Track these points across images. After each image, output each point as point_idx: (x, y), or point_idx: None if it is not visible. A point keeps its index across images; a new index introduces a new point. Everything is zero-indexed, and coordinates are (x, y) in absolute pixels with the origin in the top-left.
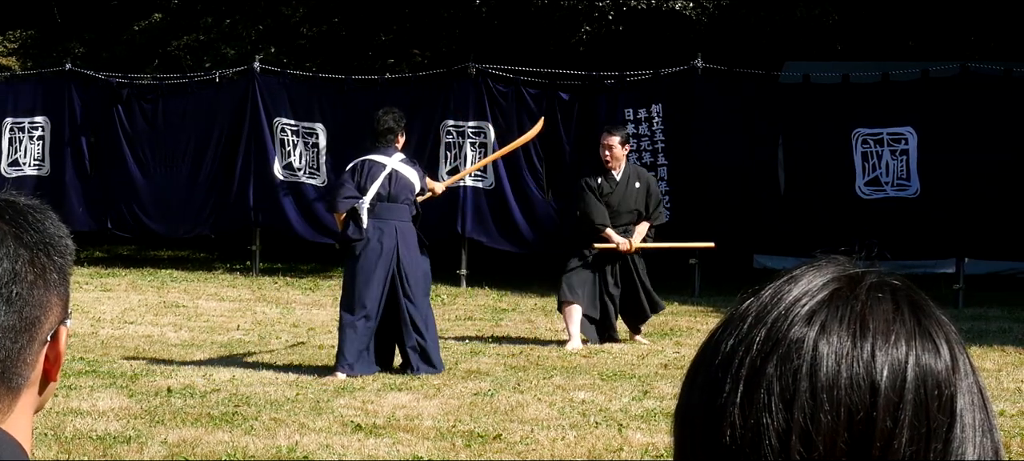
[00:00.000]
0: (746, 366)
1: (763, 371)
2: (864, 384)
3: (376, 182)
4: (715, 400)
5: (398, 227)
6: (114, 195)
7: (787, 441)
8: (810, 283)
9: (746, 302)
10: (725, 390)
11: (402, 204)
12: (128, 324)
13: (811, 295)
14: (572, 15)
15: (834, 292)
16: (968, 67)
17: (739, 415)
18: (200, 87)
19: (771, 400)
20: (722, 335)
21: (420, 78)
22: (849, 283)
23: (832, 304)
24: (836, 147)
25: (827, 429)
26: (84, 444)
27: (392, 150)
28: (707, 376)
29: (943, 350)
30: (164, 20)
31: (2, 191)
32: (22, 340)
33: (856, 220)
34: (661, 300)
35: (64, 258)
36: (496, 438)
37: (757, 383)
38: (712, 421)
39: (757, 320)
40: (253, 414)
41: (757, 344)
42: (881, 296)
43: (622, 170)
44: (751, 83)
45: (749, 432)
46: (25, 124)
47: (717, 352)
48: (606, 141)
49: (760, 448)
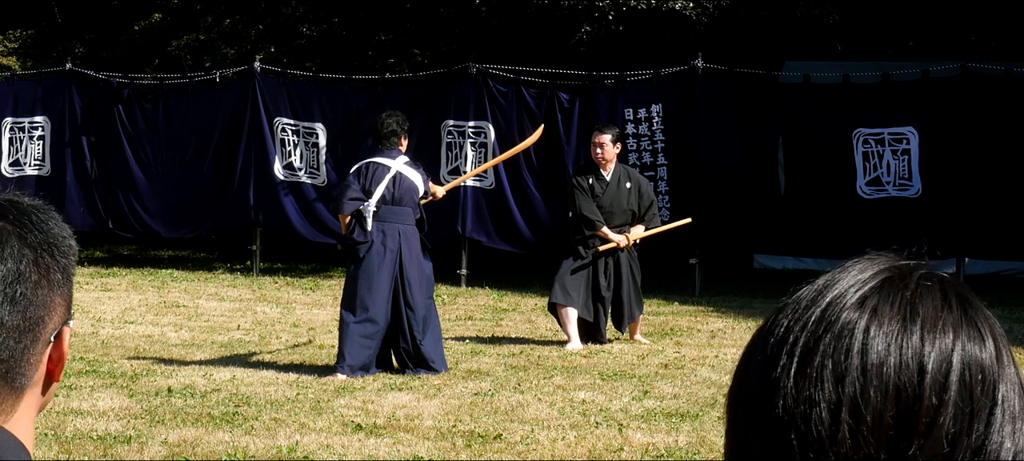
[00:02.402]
0: (800, 344)
1: (816, 349)
2: (912, 365)
3: (381, 185)
4: (770, 374)
5: (401, 230)
6: (115, 195)
7: (837, 414)
8: (863, 272)
9: (801, 289)
10: (780, 365)
11: (406, 207)
12: (128, 324)
13: (863, 282)
14: (572, 15)
15: (885, 280)
16: (968, 67)
17: (793, 388)
18: (200, 87)
19: (823, 375)
20: (778, 318)
21: (420, 78)
22: (900, 274)
23: (883, 291)
24: (837, 147)
25: (876, 404)
26: (84, 444)
27: (396, 153)
28: (764, 353)
29: (988, 340)
30: (164, 20)
31: (5, 191)
32: (26, 340)
33: (857, 220)
34: (643, 304)
35: (67, 258)
36: (496, 438)
37: (810, 360)
38: (767, 394)
39: (812, 303)
40: (253, 414)
41: (812, 324)
42: (930, 286)
43: (612, 170)
44: (751, 83)
45: (802, 404)
46: (25, 124)
47: (773, 332)
48: (597, 139)
49: (811, 420)
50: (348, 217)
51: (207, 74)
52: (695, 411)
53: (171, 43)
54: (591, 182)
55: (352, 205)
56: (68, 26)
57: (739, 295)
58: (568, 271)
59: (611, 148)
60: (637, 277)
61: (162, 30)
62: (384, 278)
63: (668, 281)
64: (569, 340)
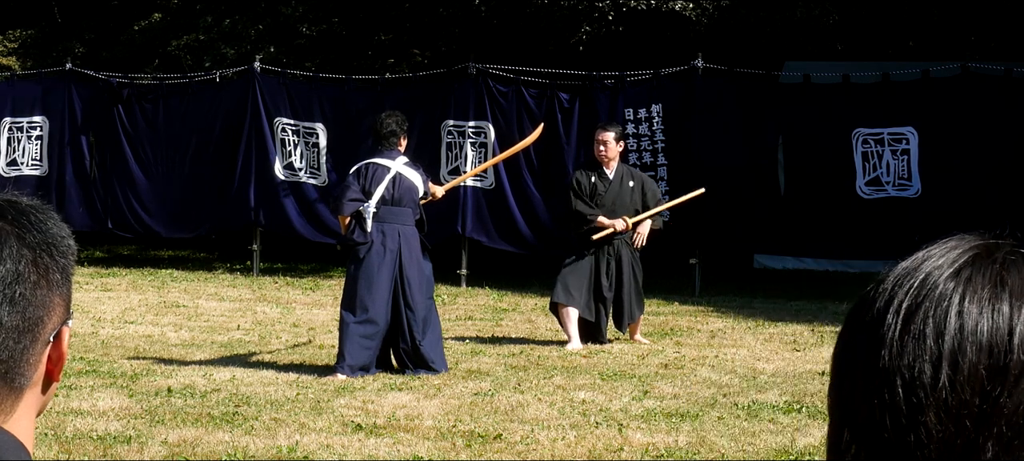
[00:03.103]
0: (904, 307)
1: (918, 311)
2: (1003, 326)
3: (381, 186)
4: (878, 331)
5: (401, 231)
6: (114, 195)
7: (938, 366)
8: (955, 248)
9: (901, 263)
10: (886, 323)
11: (405, 208)
12: (128, 324)
13: (958, 256)
14: (572, 15)
15: (976, 255)
16: (968, 67)
17: (898, 343)
18: (200, 87)
19: (925, 333)
20: (881, 287)
21: (420, 78)
22: (986, 249)
23: (975, 263)
24: (836, 147)
25: (971, 358)
26: (84, 444)
27: (395, 153)
28: (871, 314)
29: None
30: (164, 20)
31: (4, 191)
32: (25, 340)
33: (857, 220)
34: (643, 304)
35: (66, 259)
36: (496, 438)
37: (913, 319)
38: (874, 348)
39: (912, 273)
40: (253, 414)
41: (913, 290)
42: (1015, 260)
43: (615, 168)
44: (751, 83)
45: (906, 357)
46: (24, 124)
47: (878, 297)
48: (601, 137)
49: (915, 370)
50: (348, 218)
51: (207, 74)
52: (695, 411)
53: (171, 43)
54: (594, 180)
55: (352, 206)
56: (68, 26)
57: (739, 295)
58: (570, 270)
59: (614, 146)
60: (639, 277)
61: (162, 30)
62: (384, 279)
63: (668, 281)
64: (569, 340)
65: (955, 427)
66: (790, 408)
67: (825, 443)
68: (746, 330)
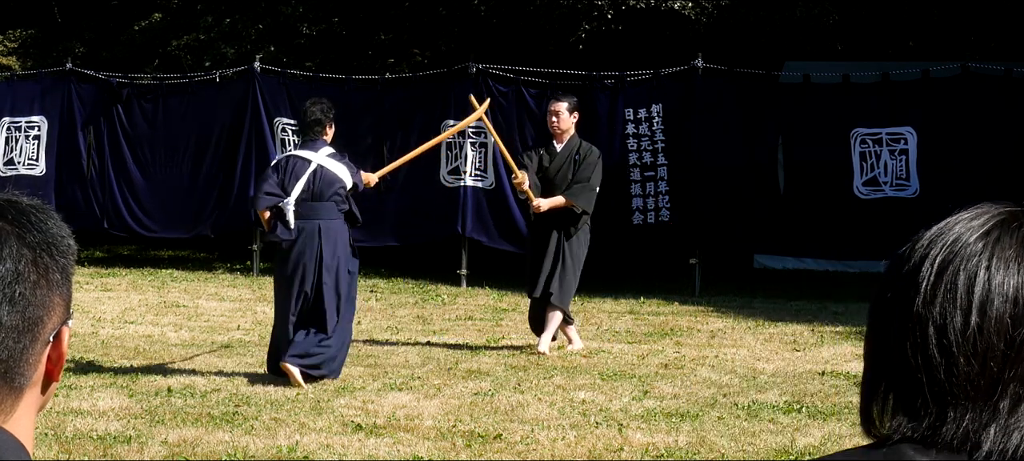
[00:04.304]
0: (938, 260)
1: (952, 262)
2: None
3: (300, 181)
4: (914, 279)
5: (322, 226)
6: (114, 195)
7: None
8: (984, 213)
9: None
10: (921, 273)
11: (328, 202)
12: (128, 324)
13: (987, 220)
14: (571, 14)
15: (1003, 220)
16: (968, 67)
17: (931, 290)
18: (200, 87)
19: (957, 283)
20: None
21: (420, 78)
22: (1012, 215)
23: (1003, 226)
24: (836, 147)
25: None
26: (84, 444)
27: (320, 143)
28: (908, 265)
29: None
30: (164, 20)
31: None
32: (25, 340)
33: (855, 220)
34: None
35: (66, 258)
36: (496, 438)
37: (946, 270)
38: (910, 294)
39: (944, 232)
40: (253, 414)
41: (947, 246)
42: None
43: (566, 142)
44: (751, 83)
45: (939, 304)
46: (22, 123)
47: (914, 253)
48: (553, 107)
49: (947, 315)
50: (267, 213)
51: (207, 74)
52: (695, 411)
53: (171, 43)
54: (542, 152)
55: (268, 200)
56: (68, 26)
57: (739, 295)
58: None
59: (566, 118)
60: (565, 262)
61: (162, 30)
62: (301, 277)
63: (668, 281)
64: (570, 342)
65: (981, 367)
66: (790, 408)
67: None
68: (746, 330)
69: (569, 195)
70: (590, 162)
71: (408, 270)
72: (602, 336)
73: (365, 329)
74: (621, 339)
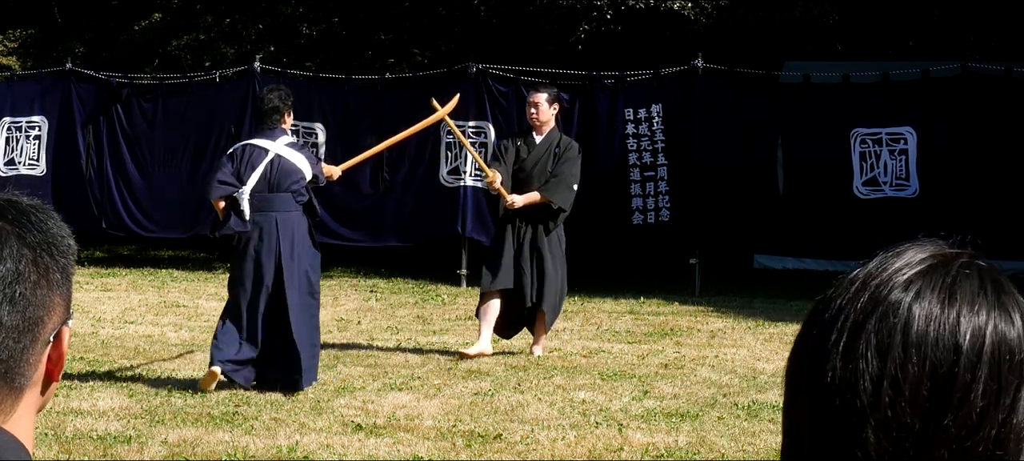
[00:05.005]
0: (850, 321)
1: (864, 326)
2: (949, 344)
3: (256, 171)
4: (824, 346)
5: (279, 219)
6: (113, 195)
7: (879, 385)
8: (911, 257)
9: (855, 270)
10: (832, 339)
11: (286, 193)
12: (128, 324)
13: (910, 267)
14: (571, 14)
15: (930, 266)
16: (968, 67)
17: (841, 360)
18: (200, 87)
19: (868, 350)
20: (832, 296)
21: (420, 78)
22: (944, 261)
23: (927, 276)
24: (836, 147)
25: (914, 378)
26: (84, 444)
27: (278, 132)
28: (819, 328)
29: (1017, 322)
30: (164, 20)
31: (4, 191)
32: (25, 340)
33: (854, 220)
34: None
35: (67, 258)
36: (496, 438)
37: (858, 335)
38: (819, 364)
39: (863, 285)
40: (253, 414)
41: (861, 304)
42: (969, 273)
43: (546, 135)
44: (751, 83)
45: (849, 375)
46: (23, 123)
47: (828, 309)
48: (532, 99)
49: (856, 389)
50: (222, 204)
51: (207, 74)
52: (695, 411)
53: (171, 43)
54: (519, 144)
55: (221, 190)
56: (68, 26)
57: (739, 295)
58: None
59: (546, 109)
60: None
61: (162, 30)
62: (259, 273)
63: (668, 281)
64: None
65: (894, 448)
66: None
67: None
68: (746, 330)
69: (546, 191)
70: (569, 157)
71: (408, 270)
72: (602, 336)
73: (365, 329)
74: (621, 339)
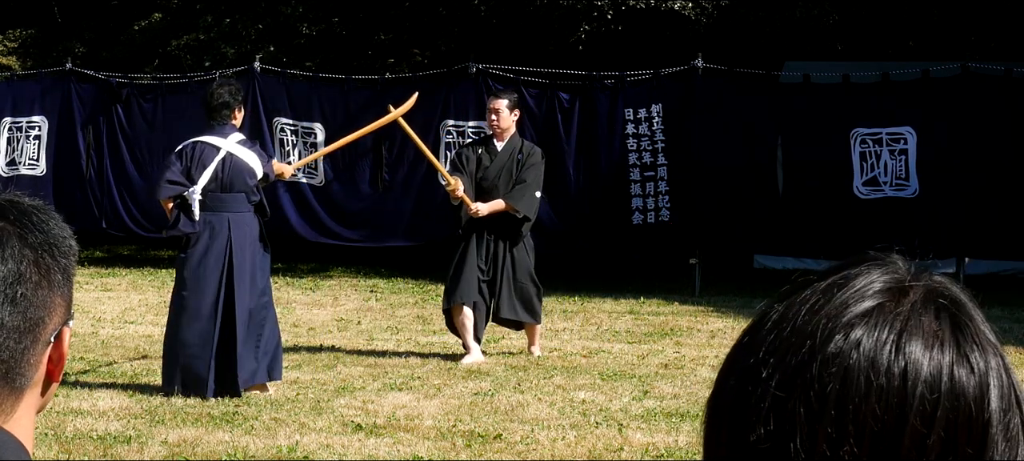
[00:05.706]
0: (780, 370)
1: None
2: (894, 402)
3: (208, 169)
4: (747, 400)
5: (231, 219)
6: (114, 195)
7: (813, 444)
8: (857, 288)
9: (786, 301)
10: (758, 391)
11: (238, 193)
12: (128, 324)
13: (856, 301)
14: (571, 14)
15: (879, 306)
16: (968, 67)
17: (769, 415)
18: (200, 87)
19: (801, 407)
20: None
21: (420, 78)
22: (894, 294)
23: (873, 317)
24: (836, 147)
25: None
26: (84, 444)
27: (228, 129)
28: (742, 376)
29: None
30: (164, 20)
31: (5, 192)
32: (26, 341)
33: (854, 220)
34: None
35: (68, 259)
36: (496, 438)
37: (792, 386)
38: (742, 419)
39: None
40: (253, 414)
41: (793, 348)
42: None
43: (507, 142)
44: (751, 83)
45: (778, 433)
46: (23, 123)
47: (752, 353)
48: (492, 105)
49: (788, 448)
50: (171, 204)
51: (207, 74)
52: (695, 411)
53: (171, 43)
54: (480, 152)
55: (170, 189)
56: (68, 26)
57: (739, 295)
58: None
59: (507, 115)
60: (520, 272)
61: (162, 30)
62: (210, 275)
63: (668, 281)
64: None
65: None
66: None
67: None
68: None
69: (510, 199)
70: (533, 163)
71: (408, 270)
72: (602, 336)
73: (365, 329)
74: (621, 339)
